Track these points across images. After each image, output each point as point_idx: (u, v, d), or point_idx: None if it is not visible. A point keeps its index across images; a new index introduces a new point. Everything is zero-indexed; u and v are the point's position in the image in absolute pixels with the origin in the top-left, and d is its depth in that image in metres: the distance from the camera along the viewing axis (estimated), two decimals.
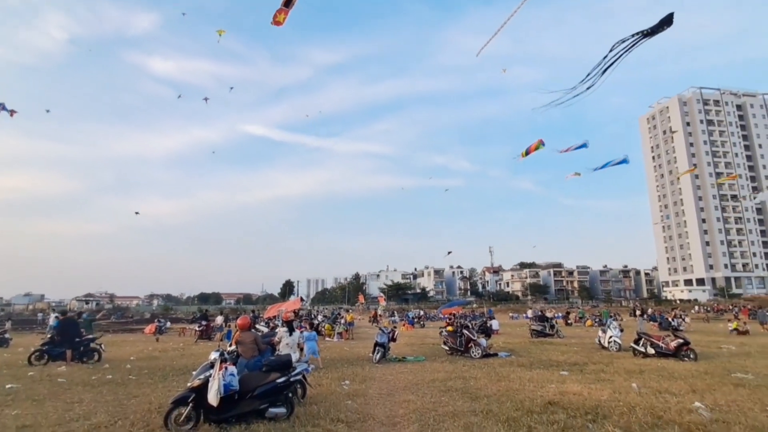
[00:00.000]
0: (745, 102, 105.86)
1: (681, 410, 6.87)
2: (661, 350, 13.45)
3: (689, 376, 10.05)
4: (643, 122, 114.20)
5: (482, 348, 14.60)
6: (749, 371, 10.65)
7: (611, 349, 15.68)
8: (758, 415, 6.62)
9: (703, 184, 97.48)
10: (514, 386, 9.28)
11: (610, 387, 8.95)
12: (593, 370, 11.44)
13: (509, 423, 6.42)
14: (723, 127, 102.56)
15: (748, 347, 16.71)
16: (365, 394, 8.86)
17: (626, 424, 6.25)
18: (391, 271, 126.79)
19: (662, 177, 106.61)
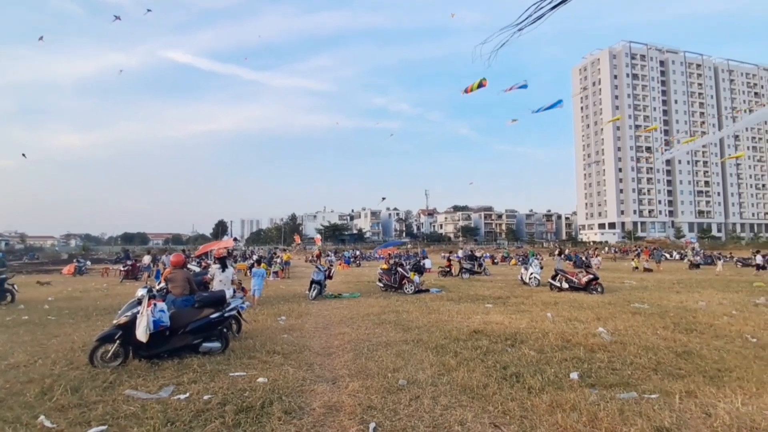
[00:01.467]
0: (668, 58, 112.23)
1: (587, 334, 7.71)
2: (574, 285, 14.82)
3: (596, 306, 11.20)
4: (575, 73, 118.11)
5: (415, 284, 15.27)
6: (645, 302, 12.07)
7: (531, 285, 17.03)
8: (649, 337, 7.58)
9: (623, 135, 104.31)
10: (444, 318, 9.88)
11: (529, 317, 9.79)
12: (514, 302, 12.41)
13: (438, 350, 6.87)
14: (646, 82, 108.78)
15: (647, 282, 18.84)
16: (301, 328, 9.04)
17: (540, 347, 6.92)
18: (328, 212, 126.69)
19: (588, 127, 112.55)
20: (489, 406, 4.49)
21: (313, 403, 4.65)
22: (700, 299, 12.60)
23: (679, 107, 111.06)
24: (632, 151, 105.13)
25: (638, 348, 6.73)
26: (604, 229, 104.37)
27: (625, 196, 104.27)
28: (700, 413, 4.25)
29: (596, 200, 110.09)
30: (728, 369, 5.62)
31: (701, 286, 16.46)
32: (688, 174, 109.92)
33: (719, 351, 6.53)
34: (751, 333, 7.81)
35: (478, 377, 5.37)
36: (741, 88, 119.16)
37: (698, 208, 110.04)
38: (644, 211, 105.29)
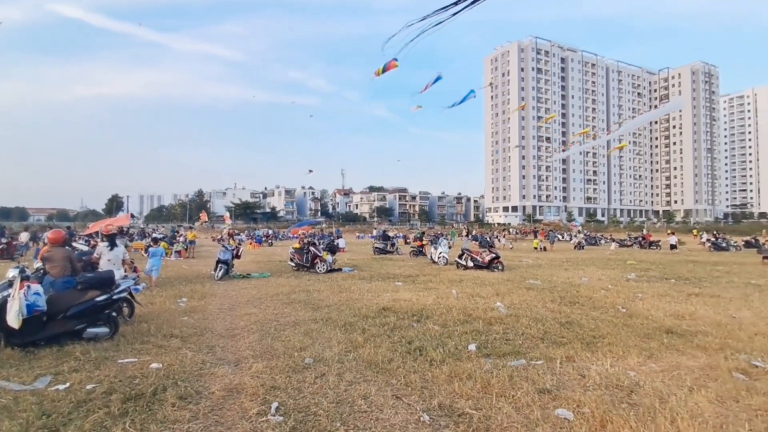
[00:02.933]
0: (568, 56, 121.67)
1: (486, 309, 8.25)
2: (478, 263, 15.75)
3: (496, 283, 12.01)
4: (487, 63, 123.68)
5: (327, 264, 15.23)
6: (538, 278, 13.20)
7: (440, 263, 17.80)
8: (540, 310, 8.30)
9: (527, 125, 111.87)
10: (354, 296, 9.97)
11: (435, 294, 10.23)
12: (423, 280, 12.89)
13: (346, 327, 6.93)
14: (548, 77, 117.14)
15: (541, 261, 20.60)
16: (204, 310, 8.60)
17: (444, 321, 7.26)
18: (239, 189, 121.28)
19: (497, 115, 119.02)
20: (393, 380, 4.62)
21: (212, 386, 4.44)
22: (584, 275, 14.05)
23: (576, 102, 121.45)
24: (534, 140, 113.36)
25: (529, 320, 7.33)
26: (507, 211, 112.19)
27: (527, 181, 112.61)
28: (577, 375, 4.75)
29: (502, 184, 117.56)
30: (602, 336, 6.33)
31: (585, 264, 18.36)
32: (580, 164, 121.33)
33: (595, 320, 7.34)
34: (621, 304, 8.87)
35: (384, 352, 5.50)
36: (627, 88, 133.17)
37: (587, 195, 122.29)
38: (542, 195, 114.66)
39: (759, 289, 11.10)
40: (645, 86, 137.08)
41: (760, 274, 14.83)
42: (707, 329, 6.76)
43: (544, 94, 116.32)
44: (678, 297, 9.90)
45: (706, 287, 11.54)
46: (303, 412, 3.85)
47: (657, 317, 7.63)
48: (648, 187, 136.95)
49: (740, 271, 15.90)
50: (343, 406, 3.97)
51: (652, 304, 8.87)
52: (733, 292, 10.73)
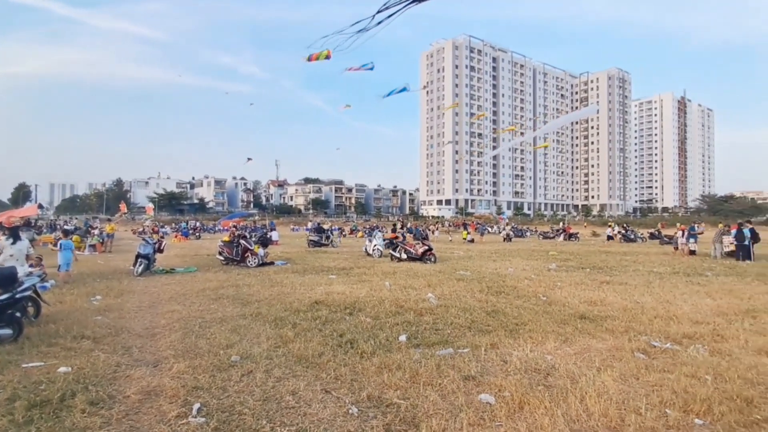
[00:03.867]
0: (499, 56, 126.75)
1: (417, 300, 8.43)
2: (412, 255, 16.06)
3: (428, 275, 12.32)
4: (423, 58, 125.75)
5: (259, 257, 14.81)
6: (468, 270, 13.71)
7: (375, 256, 17.94)
8: (468, 299, 8.63)
9: (460, 121, 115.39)
10: (286, 290, 9.78)
11: (369, 286, 10.30)
12: (357, 273, 12.93)
13: (276, 322, 6.78)
14: (481, 75, 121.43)
15: (472, 252, 21.40)
16: (120, 308, 8.05)
17: (376, 314, 7.33)
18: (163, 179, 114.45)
19: (432, 111, 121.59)
20: (322, 374, 4.59)
21: (127, 390, 4.16)
22: (510, 266, 14.80)
23: (506, 101, 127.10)
24: (467, 136, 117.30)
25: (458, 310, 7.60)
26: (441, 205, 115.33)
27: (459, 175, 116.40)
28: (500, 361, 4.99)
29: (436, 178, 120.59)
30: (524, 323, 6.70)
31: (512, 256, 19.34)
32: (509, 160, 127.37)
33: (519, 309, 7.76)
34: (542, 293, 9.44)
35: (315, 347, 5.45)
36: (552, 89, 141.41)
37: (515, 189, 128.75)
38: (474, 189, 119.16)
39: (660, 277, 12.28)
40: (568, 88, 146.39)
41: (661, 262, 16.42)
42: (615, 314, 7.37)
43: (477, 92, 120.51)
44: (592, 285, 10.70)
45: (616, 275, 12.57)
46: (227, 411, 3.72)
47: (573, 304, 8.20)
48: (569, 183, 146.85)
49: (645, 260, 17.50)
50: (270, 403, 3.88)
51: (569, 292, 9.52)
52: (638, 279, 11.79)
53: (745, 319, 7.00)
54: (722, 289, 10.06)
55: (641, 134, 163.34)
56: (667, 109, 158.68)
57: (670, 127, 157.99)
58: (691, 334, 6.10)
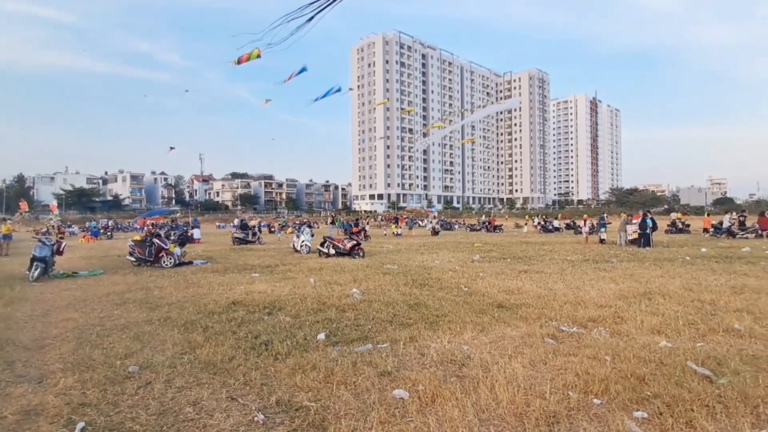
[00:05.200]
0: (428, 53, 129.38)
1: (341, 296, 8.29)
2: (340, 250, 15.89)
3: (355, 270, 12.21)
4: (354, 52, 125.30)
5: (175, 257, 13.91)
6: (396, 263, 13.78)
7: (302, 252, 17.54)
8: (393, 293, 8.62)
9: (391, 116, 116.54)
10: (202, 291, 9.23)
11: (292, 283, 9.99)
12: (282, 270, 12.53)
13: (186, 326, 6.33)
14: (411, 71, 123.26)
15: (401, 246, 21.62)
16: (9, 318, 7.15)
17: (296, 312, 7.08)
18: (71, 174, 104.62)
19: (363, 105, 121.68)
20: (230, 380, 4.30)
21: (4, 410, 3.64)
22: (436, 259, 15.10)
23: (435, 97, 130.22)
24: (399, 131, 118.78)
25: (381, 304, 7.55)
26: (374, 199, 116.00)
27: (391, 170, 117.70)
28: (417, 354, 4.97)
29: (368, 173, 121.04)
30: (444, 314, 6.78)
31: (439, 248, 19.78)
32: (439, 155, 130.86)
33: (440, 300, 7.87)
34: (465, 284, 9.68)
35: (225, 351, 5.12)
36: (478, 87, 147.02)
37: (445, 184, 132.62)
38: (406, 184, 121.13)
39: (572, 264, 13.10)
40: (493, 87, 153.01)
41: (574, 251, 17.58)
42: (530, 302, 7.69)
43: (407, 87, 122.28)
44: (511, 274, 11.16)
45: (534, 264, 13.24)
46: (116, 429, 3.34)
47: (492, 294, 8.47)
48: (495, 177, 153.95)
49: (560, 249, 18.65)
50: (167, 417, 3.55)
51: (490, 282, 9.84)
52: (553, 267, 12.49)
53: (642, 301, 7.58)
54: (625, 274, 10.90)
55: (559, 132, 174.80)
56: (581, 109, 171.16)
57: (583, 125, 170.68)
58: (596, 317, 6.49)
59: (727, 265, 12.25)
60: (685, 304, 7.30)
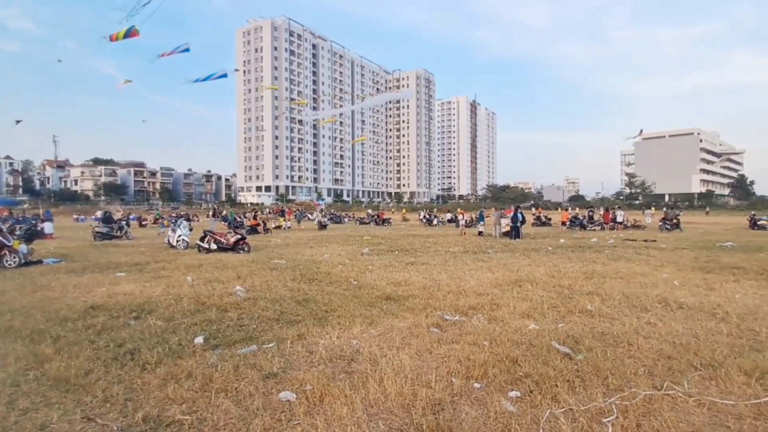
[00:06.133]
0: (319, 44, 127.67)
1: (223, 294, 7.73)
2: (223, 245, 14.93)
3: (239, 266, 11.54)
4: (239, 35, 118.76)
5: (20, 255, 11.85)
6: (284, 258, 13.34)
7: (179, 248, 16.14)
8: (280, 289, 8.28)
9: (280, 105, 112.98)
10: (53, 295, 7.95)
11: (166, 283, 9.09)
12: (154, 268, 11.37)
13: (32, 337, 5.37)
14: (301, 60, 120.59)
15: (290, 240, 21.06)
16: None
17: (170, 314, 6.43)
18: None
19: (250, 92, 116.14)
20: (86, 397, 3.71)
21: None
22: (326, 252, 14.96)
23: (326, 89, 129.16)
24: (288, 121, 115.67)
25: (267, 301, 7.20)
26: (261, 191, 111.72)
27: (280, 161, 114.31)
28: (305, 352, 4.80)
29: (255, 163, 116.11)
30: (333, 309, 6.68)
31: (329, 242, 19.66)
32: (329, 148, 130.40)
33: (330, 295, 7.75)
34: (354, 277, 9.70)
35: (81, 363, 4.42)
36: (368, 82, 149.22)
37: (335, 177, 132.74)
38: (295, 176, 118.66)
39: (454, 256, 13.91)
40: (383, 83, 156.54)
41: (456, 243, 18.74)
42: (416, 293, 7.95)
43: (297, 77, 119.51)
44: (398, 267, 11.47)
45: (420, 256, 13.79)
46: None
47: (381, 286, 8.59)
48: (384, 172, 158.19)
49: (443, 241, 19.74)
50: None
51: (378, 275, 9.99)
52: (437, 259, 13.13)
53: (514, 289, 8.29)
54: (499, 264, 11.86)
55: (443, 130, 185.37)
56: (463, 111, 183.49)
57: (464, 126, 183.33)
58: (475, 305, 6.92)
59: (580, 254, 14.01)
60: (548, 290, 8.15)
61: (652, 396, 3.66)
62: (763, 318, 6.07)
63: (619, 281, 9.00)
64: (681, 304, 6.89)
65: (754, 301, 7.19)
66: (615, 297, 7.44)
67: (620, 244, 17.44)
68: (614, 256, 13.51)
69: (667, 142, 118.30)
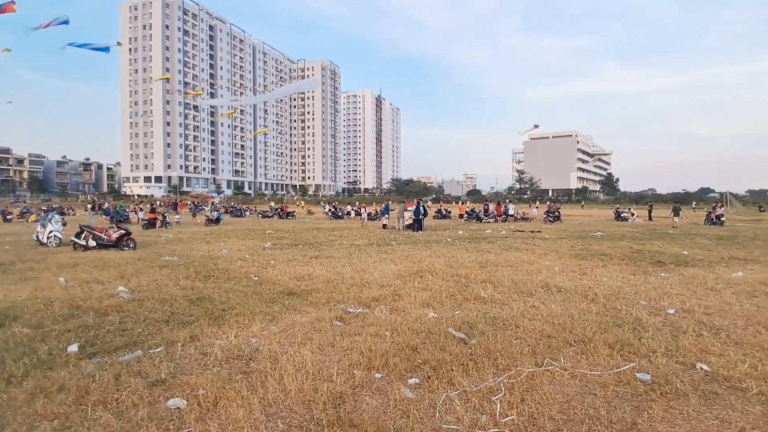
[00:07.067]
0: (217, 25, 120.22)
1: (102, 296, 6.96)
2: (103, 242, 13.47)
3: (123, 264, 10.50)
4: (125, 10, 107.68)
5: None
6: (176, 254, 12.40)
7: (50, 245, 14.25)
8: (171, 289, 7.68)
9: (172, 89, 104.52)
10: None
11: (34, 285, 7.96)
12: (20, 269, 9.91)
13: None
14: (196, 41, 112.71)
15: (182, 235, 19.64)
16: None
17: (39, 321, 5.65)
18: None
19: (137, 72, 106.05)
20: None
21: None
22: (225, 247, 14.20)
23: (224, 74, 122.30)
24: (181, 106, 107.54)
25: (156, 302, 6.63)
26: (150, 182, 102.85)
27: (172, 150, 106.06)
28: (199, 355, 4.51)
29: (143, 152, 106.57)
30: (231, 307, 6.36)
31: (228, 236, 18.69)
32: (229, 137, 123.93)
33: (227, 292, 7.36)
34: (255, 273, 9.33)
35: None
36: (272, 70, 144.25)
37: (235, 168, 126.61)
38: (190, 166, 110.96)
39: (359, 249, 14.03)
40: (287, 72, 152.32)
41: (361, 236, 18.92)
42: (320, 287, 7.87)
43: (192, 59, 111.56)
44: (302, 260, 11.28)
45: (324, 250, 13.69)
46: None
47: (283, 281, 8.37)
48: (289, 164, 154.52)
49: (348, 234, 19.81)
50: None
51: (281, 270, 9.73)
52: (342, 252, 13.14)
53: (415, 279, 8.59)
54: (402, 255, 12.21)
55: (348, 124, 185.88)
56: (368, 105, 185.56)
57: (370, 120, 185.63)
58: (378, 297, 7.04)
59: (476, 245, 14.95)
60: (447, 279, 8.58)
61: (535, 372, 4.02)
62: (624, 297, 6.98)
63: (509, 269, 9.76)
64: (560, 288, 7.67)
65: (617, 282, 8.24)
66: (505, 284, 8.05)
67: (511, 235, 18.92)
68: (505, 246, 14.62)
69: (551, 143, 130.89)
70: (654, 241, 16.16)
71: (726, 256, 11.89)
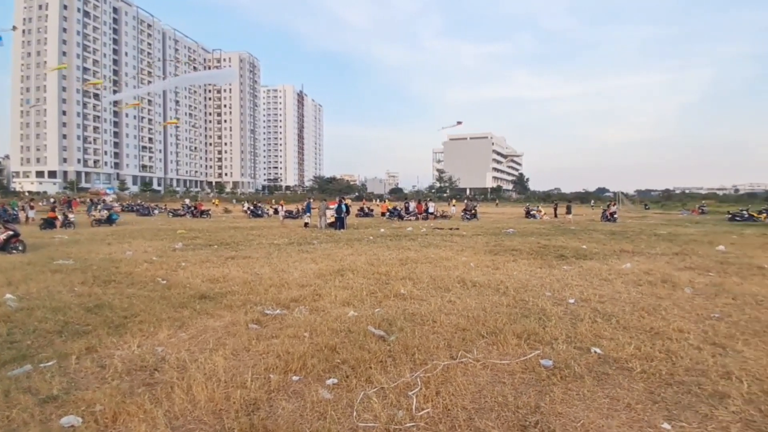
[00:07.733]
0: (122, 8, 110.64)
1: None
2: None
3: (10, 269, 9.31)
4: None
5: None
6: (71, 257, 11.22)
7: None
8: (64, 296, 6.93)
9: (69, 75, 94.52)
10: None
11: None
12: None
13: None
14: (98, 24, 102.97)
15: (79, 236, 17.82)
16: None
17: None
18: None
19: (29, 56, 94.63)
20: None
21: None
22: (129, 249, 13.10)
23: (129, 61, 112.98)
24: (79, 95, 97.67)
25: (47, 311, 5.95)
26: (43, 177, 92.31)
27: (69, 142, 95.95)
28: (96, 368, 4.11)
29: (35, 144, 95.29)
30: (134, 315, 5.87)
31: (133, 236, 17.28)
32: (134, 129, 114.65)
33: (130, 298, 6.79)
34: (163, 276, 8.71)
35: None
36: (183, 59, 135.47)
37: (142, 163, 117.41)
38: (89, 160, 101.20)
39: (278, 248, 13.66)
40: (201, 61, 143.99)
41: (281, 235, 18.46)
42: (236, 288, 7.54)
43: (93, 43, 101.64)
44: (217, 261, 10.74)
45: (242, 250, 13.16)
46: None
47: (195, 284, 7.91)
48: (203, 160, 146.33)
49: (268, 233, 19.24)
50: None
51: (193, 272, 9.19)
52: (261, 251, 12.71)
53: (336, 278, 8.54)
54: (323, 254, 12.09)
55: (269, 119, 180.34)
56: (290, 100, 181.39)
57: (291, 115, 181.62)
58: (298, 297, 6.90)
59: (397, 242, 15.23)
60: (368, 277, 8.63)
61: (449, 365, 4.17)
62: (532, 289, 7.49)
63: (428, 266, 10.05)
64: (475, 282, 8.04)
65: (526, 276, 8.83)
66: (424, 280, 8.28)
67: (431, 233, 19.52)
68: (425, 243, 15.05)
69: (468, 144, 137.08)
70: (558, 236, 17.53)
71: (617, 249, 13.21)
